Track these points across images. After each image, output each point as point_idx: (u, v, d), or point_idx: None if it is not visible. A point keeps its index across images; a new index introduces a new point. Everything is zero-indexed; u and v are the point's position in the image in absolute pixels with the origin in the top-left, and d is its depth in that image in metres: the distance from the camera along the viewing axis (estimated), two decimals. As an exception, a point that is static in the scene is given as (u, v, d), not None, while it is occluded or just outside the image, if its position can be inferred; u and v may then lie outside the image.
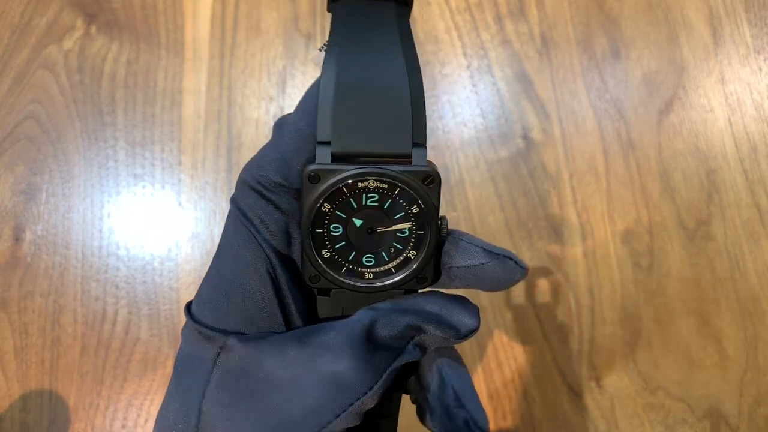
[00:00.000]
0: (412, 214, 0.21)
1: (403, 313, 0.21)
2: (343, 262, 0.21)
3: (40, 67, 0.55)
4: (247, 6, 0.57)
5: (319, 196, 0.20)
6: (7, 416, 0.48)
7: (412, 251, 0.21)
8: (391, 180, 0.20)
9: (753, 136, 0.53)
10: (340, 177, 0.20)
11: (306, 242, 0.21)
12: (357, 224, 0.21)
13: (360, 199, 0.21)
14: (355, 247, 0.21)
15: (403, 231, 0.21)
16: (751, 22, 0.55)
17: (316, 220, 0.21)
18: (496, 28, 0.56)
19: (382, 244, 0.21)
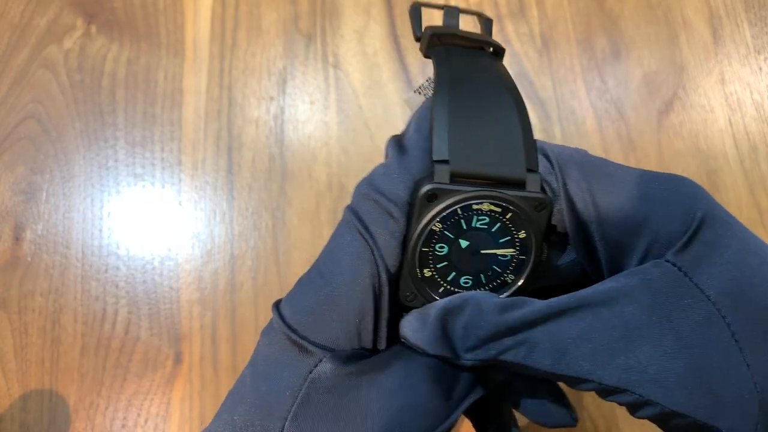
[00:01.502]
0: (518, 239, 0.21)
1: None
2: (442, 282, 0.21)
3: (40, 66, 0.55)
4: (248, 6, 0.57)
5: (434, 215, 0.20)
6: (7, 416, 0.48)
7: (511, 275, 0.21)
8: (506, 204, 0.20)
9: (753, 136, 0.53)
10: (457, 198, 0.20)
11: (411, 260, 0.21)
12: (462, 245, 0.21)
13: (470, 221, 0.20)
14: (456, 268, 0.21)
15: (506, 256, 0.21)
16: (752, 22, 0.55)
17: (424, 239, 0.20)
18: (496, 29, 0.56)
19: (482, 267, 0.21)
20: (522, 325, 0.19)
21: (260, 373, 0.21)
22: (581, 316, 0.19)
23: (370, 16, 0.57)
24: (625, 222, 0.20)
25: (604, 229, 0.21)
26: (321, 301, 0.20)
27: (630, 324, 0.19)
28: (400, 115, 0.54)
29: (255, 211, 0.52)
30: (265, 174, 0.53)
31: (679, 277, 0.19)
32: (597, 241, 0.21)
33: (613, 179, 0.21)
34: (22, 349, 0.50)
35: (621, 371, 0.18)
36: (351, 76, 0.55)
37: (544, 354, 0.19)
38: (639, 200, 0.21)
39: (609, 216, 0.21)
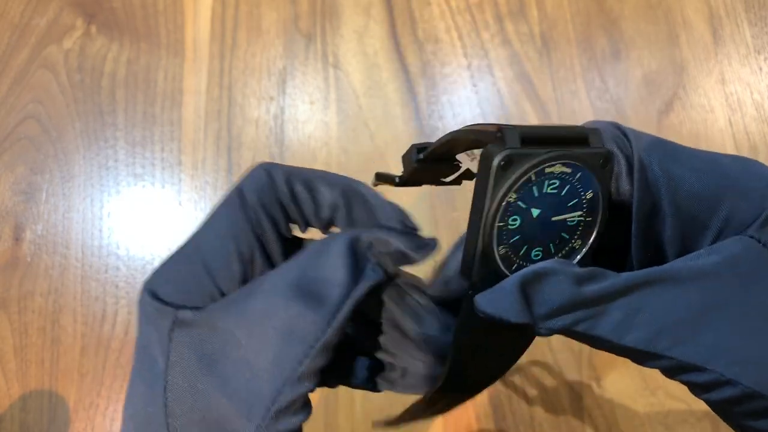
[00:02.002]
0: (585, 200, 0.20)
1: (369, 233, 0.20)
2: (515, 258, 0.19)
3: (40, 66, 0.55)
4: (248, 6, 0.57)
5: (511, 185, 0.18)
6: (7, 416, 0.48)
7: (578, 241, 0.20)
8: (577, 163, 0.19)
9: (753, 136, 0.53)
10: (533, 161, 0.18)
11: (487, 239, 0.19)
12: (534, 215, 0.19)
13: (542, 187, 0.19)
14: (527, 240, 0.19)
15: (573, 220, 0.20)
16: (752, 22, 0.55)
17: (499, 213, 0.18)
18: (496, 28, 0.56)
19: (552, 235, 0.20)
20: (600, 297, 0.18)
21: (140, 352, 0.21)
22: (661, 290, 0.18)
23: (370, 16, 0.57)
24: (700, 195, 0.20)
25: (679, 201, 0.20)
26: (190, 268, 0.21)
27: (713, 300, 0.18)
28: (400, 115, 0.54)
29: (255, 211, 0.52)
30: (265, 174, 0.53)
31: (765, 252, 0.19)
32: (667, 215, 0.20)
33: (686, 153, 0.21)
34: (22, 349, 0.50)
35: (702, 348, 0.18)
36: (351, 76, 0.55)
37: (620, 327, 0.18)
38: (714, 175, 0.20)
39: (684, 187, 0.20)
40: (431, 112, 0.54)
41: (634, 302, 0.18)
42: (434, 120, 0.54)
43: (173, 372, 0.20)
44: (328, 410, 0.47)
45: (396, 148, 0.53)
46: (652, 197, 0.20)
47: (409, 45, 0.56)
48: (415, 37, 0.56)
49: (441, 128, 0.54)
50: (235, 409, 0.19)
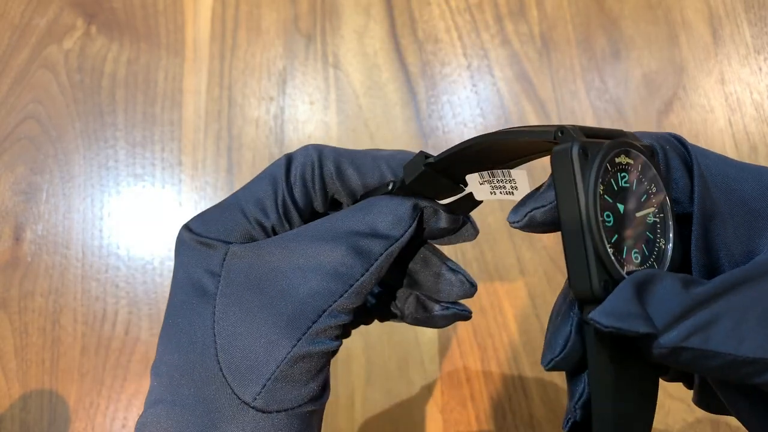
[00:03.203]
0: (652, 194, 0.19)
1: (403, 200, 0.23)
2: (622, 260, 0.18)
3: (40, 67, 0.55)
4: (248, 6, 0.57)
5: (596, 174, 0.17)
6: (7, 416, 0.48)
7: (662, 240, 0.19)
8: (637, 152, 0.18)
9: (753, 136, 0.53)
10: (607, 149, 0.17)
11: (597, 236, 0.17)
12: (621, 209, 0.18)
13: (617, 179, 0.18)
14: (624, 240, 0.18)
15: (650, 216, 0.19)
16: (751, 22, 0.55)
17: (597, 207, 0.17)
18: (496, 29, 0.56)
19: (641, 235, 0.18)
20: (706, 299, 0.17)
21: (187, 292, 0.23)
22: (761, 287, 0.17)
23: (370, 16, 0.57)
24: (758, 195, 0.20)
25: (738, 202, 0.20)
26: (229, 211, 0.23)
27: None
28: (400, 115, 0.54)
29: (255, 211, 0.52)
30: (265, 174, 0.53)
31: None
32: (727, 216, 0.20)
33: (733, 160, 0.22)
34: (23, 349, 0.50)
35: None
36: (351, 76, 0.55)
37: (734, 334, 0.17)
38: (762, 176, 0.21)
39: (741, 188, 0.20)
40: (431, 112, 0.54)
41: (738, 305, 0.17)
42: (434, 120, 0.54)
43: (223, 293, 0.22)
44: (328, 411, 0.47)
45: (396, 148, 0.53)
46: (711, 199, 0.20)
47: (409, 45, 0.56)
48: (415, 37, 0.56)
49: (441, 128, 0.54)
50: (276, 327, 0.21)
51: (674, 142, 0.22)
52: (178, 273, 0.24)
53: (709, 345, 0.17)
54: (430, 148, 0.53)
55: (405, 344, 0.49)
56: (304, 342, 0.21)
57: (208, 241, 0.23)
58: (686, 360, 0.17)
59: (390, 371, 0.48)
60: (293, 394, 0.21)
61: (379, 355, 0.48)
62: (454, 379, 0.48)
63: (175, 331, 0.22)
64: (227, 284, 0.22)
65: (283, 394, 0.21)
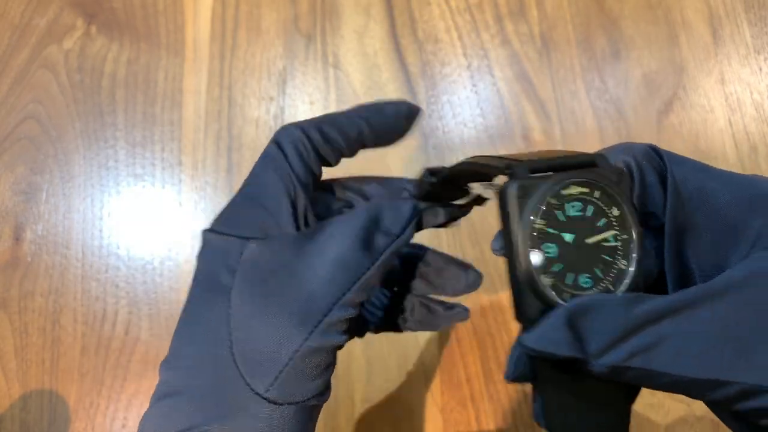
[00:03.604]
0: (613, 218, 0.20)
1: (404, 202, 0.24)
2: (564, 287, 0.19)
3: (40, 67, 0.55)
4: (248, 6, 0.57)
5: (532, 211, 0.19)
6: (7, 416, 0.48)
7: (623, 261, 0.20)
8: (591, 182, 0.20)
9: (753, 136, 0.53)
10: (547, 186, 0.19)
11: (526, 268, 0.19)
12: (567, 239, 0.20)
13: (564, 210, 0.20)
14: (571, 268, 0.20)
15: (609, 240, 0.20)
16: (751, 22, 0.55)
17: (533, 241, 0.19)
18: (496, 29, 0.56)
19: (594, 259, 0.20)
20: (651, 319, 0.17)
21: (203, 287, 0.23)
22: (712, 308, 0.17)
23: (370, 16, 0.57)
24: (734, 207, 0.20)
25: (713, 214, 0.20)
26: (242, 209, 0.24)
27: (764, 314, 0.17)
28: (400, 115, 0.54)
29: (255, 211, 0.52)
30: (265, 174, 0.53)
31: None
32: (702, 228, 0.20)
33: (716, 170, 0.22)
34: (23, 349, 0.50)
35: (764, 368, 0.17)
36: (351, 76, 0.55)
37: (679, 355, 0.17)
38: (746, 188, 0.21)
39: (718, 200, 0.20)
40: (431, 112, 0.54)
41: (684, 326, 0.17)
42: (434, 120, 0.54)
43: (238, 287, 0.22)
44: (328, 411, 0.47)
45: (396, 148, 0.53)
46: (685, 210, 0.20)
47: (409, 45, 0.56)
48: (415, 37, 0.56)
49: (441, 128, 0.54)
50: (290, 320, 0.22)
51: (651, 153, 0.22)
52: (198, 270, 0.24)
53: (652, 365, 0.17)
54: (431, 148, 0.53)
55: (405, 344, 0.49)
56: (316, 335, 0.21)
57: (226, 237, 0.23)
58: (633, 378, 0.18)
59: (390, 371, 0.48)
60: (303, 387, 0.22)
61: (379, 354, 0.48)
62: (454, 379, 0.48)
63: (191, 324, 0.23)
64: (243, 279, 0.22)
65: (293, 387, 0.22)
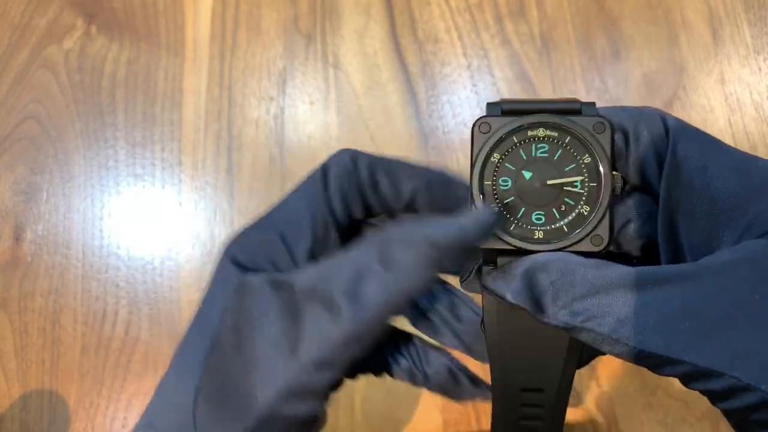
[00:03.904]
0: (583, 164, 0.20)
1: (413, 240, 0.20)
2: (512, 218, 0.20)
3: (40, 67, 0.55)
4: (248, 6, 0.57)
5: (489, 145, 0.20)
6: (7, 416, 0.48)
7: (585, 206, 0.20)
8: (562, 127, 0.20)
9: (753, 136, 0.53)
10: (510, 125, 0.20)
11: (475, 195, 0.20)
12: (526, 177, 0.20)
13: (530, 150, 0.20)
14: (525, 203, 0.20)
15: (575, 184, 0.20)
16: (751, 23, 0.55)
17: (485, 172, 0.20)
18: (496, 29, 0.56)
19: (553, 200, 0.20)
20: (614, 287, 0.17)
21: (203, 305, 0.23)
22: (681, 288, 0.17)
23: (370, 16, 0.57)
24: (733, 192, 0.20)
25: (711, 197, 0.20)
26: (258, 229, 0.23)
27: (736, 301, 0.17)
28: (400, 115, 0.54)
29: (255, 211, 0.52)
30: (265, 174, 0.53)
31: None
32: (698, 210, 0.20)
33: (724, 150, 0.21)
34: (23, 349, 0.50)
35: (722, 352, 0.17)
36: (351, 76, 0.55)
37: (634, 327, 0.17)
38: (748, 174, 0.20)
39: (718, 183, 0.20)
40: (431, 112, 0.54)
41: (646, 300, 0.17)
42: (434, 120, 0.54)
43: (223, 323, 0.21)
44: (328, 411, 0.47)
45: (396, 148, 0.53)
46: (682, 189, 0.20)
47: (409, 45, 0.56)
48: (415, 37, 0.56)
49: (441, 128, 0.54)
50: (258, 375, 0.20)
51: (657, 122, 0.21)
52: (205, 296, 0.23)
53: (603, 329, 0.17)
54: (430, 148, 0.53)
55: (405, 344, 0.49)
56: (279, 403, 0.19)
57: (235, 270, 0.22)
58: (586, 339, 0.18)
59: (390, 371, 0.48)
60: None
61: (379, 355, 0.48)
62: (454, 379, 0.48)
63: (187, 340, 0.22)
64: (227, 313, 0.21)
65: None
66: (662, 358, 0.17)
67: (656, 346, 0.17)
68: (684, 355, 0.17)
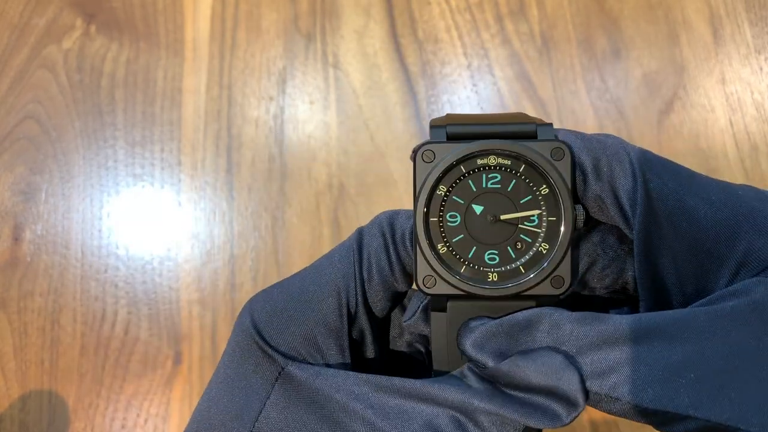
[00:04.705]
0: (541, 196, 0.18)
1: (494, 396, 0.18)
2: (462, 259, 0.18)
3: (39, 66, 0.55)
4: (248, 6, 0.57)
5: (434, 176, 0.18)
6: (6, 416, 0.48)
7: (544, 244, 0.18)
8: (515, 153, 0.18)
9: (754, 136, 0.52)
10: (457, 153, 0.18)
11: (419, 233, 0.18)
12: (477, 211, 0.18)
13: (480, 181, 0.18)
14: (476, 241, 0.18)
15: (532, 219, 0.18)
16: (752, 22, 0.54)
17: (430, 207, 0.18)
18: (496, 28, 0.56)
19: (508, 237, 0.18)
20: (608, 342, 0.16)
21: (233, 374, 0.20)
22: (680, 338, 0.16)
23: (370, 16, 0.57)
24: (716, 229, 0.18)
25: (693, 236, 0.18)
26: (291, 306, 0.20)
27: (739, 351, 0.16)
28: (400, 115, 0.54)
29: (254, 211, 0.52)
30: (265, 174, 0.53)
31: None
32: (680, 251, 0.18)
33: (699, 182, 0.19)
34: (22, 349, 0.50)
35: (732, 406, 0.16)
36: (351, 76, 0.55)
37: (634, 384, 0.16)
38: (729, 206, 0.18)
39: (699, 220, 0.18)
40: (431, 112, 0.54)
41: (644, 354, 0.16)
42: (434, 120, 0.54)
43: (265, 422, 0.19)
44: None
45: (396, 148, 0.53)
46: (660, 229, 0.18)
47: (409, 45, 0.56)
48: (415, 36, 0.56)
49: (441, 128, 0.53)
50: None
51: (620, 153, 0.19)
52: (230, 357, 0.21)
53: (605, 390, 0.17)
54: (430, 147, 0.53)
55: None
56: None
57: (270, 351, 0.20)
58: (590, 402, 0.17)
59: (390, 371, 0.48)
60: None
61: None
62: (454, 380, 0.48)
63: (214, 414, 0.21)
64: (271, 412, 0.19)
65: None
66: (669, 415, 0.16)
67: (661, 403, 0.16)
68: (693, 411, 0.16)
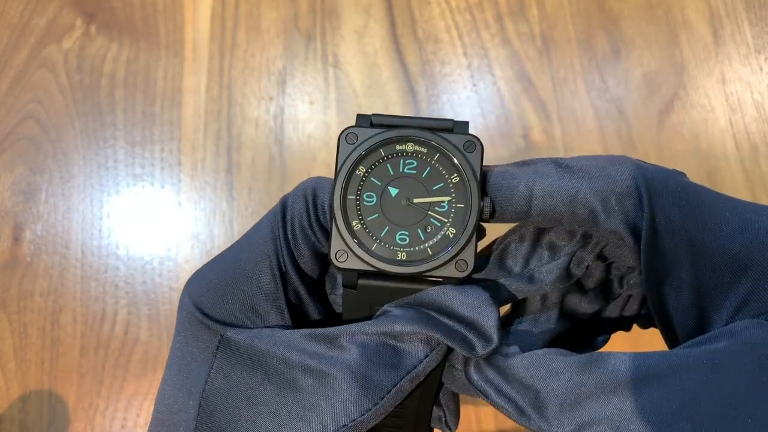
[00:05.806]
0: (452, 184, 0.20)
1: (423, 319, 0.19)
2: (374, 237, 0.20)
3: (39, 66, 0.55)
4: (248, 6, 0.57)
5: (354, 156, 0.19)
6: (6, 416, 0.48)
7: (451, 229, 0.19)
8: (431, 143, 0.19)
9: (754, 135, 0.52)
10: (379, 138, 0.19)
11: (336, 210, 0.19)
12: (392, 193, 0.20)
13: (397, 165, 0.20)
14: (389, 221, 0.20)
15: (442, 205, 0.20)
16: (752, 22, 0.54)
17: (349, 185, 0.20)
18: (496, 28, 0.56)
19: (419, 220, 0.20)
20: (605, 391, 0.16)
21: (179, 355, 0.21)
22: (678, 383, 0.16)
23: (370, 16, 0.57)
24: (722, 266, 0.18)
25: (699, 270, 0.18)
26: (226, 277, 0.21)
27: (735, 397, 0.16)
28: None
29: (254, 211, 0.52)
30: (265, 174, 0.53)
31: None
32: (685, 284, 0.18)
33: (708, 211, 0.19)
34: (22, 349, 0.50)
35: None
36: (351, 75, 0.55)
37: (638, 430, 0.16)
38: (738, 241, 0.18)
39: (706, 256, 0.18)
40: (431, 112, 0.54)
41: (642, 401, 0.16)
42: (434, 120, 0.54)
43: (211, 391, 0.20)
44: None
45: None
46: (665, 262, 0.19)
47: (409, 44, 0.56)
48: (415, 36, 0.56)
49: (441, 128, 0.54)
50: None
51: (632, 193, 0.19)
52: (176, 338, 0.22)
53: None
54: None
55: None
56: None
57: (208, 322, 0.20)
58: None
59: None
60: None
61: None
62: (454, 380, 0.48)
63: (166, 394, 0.21)
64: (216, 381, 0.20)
65: None
66: None
67: None
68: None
